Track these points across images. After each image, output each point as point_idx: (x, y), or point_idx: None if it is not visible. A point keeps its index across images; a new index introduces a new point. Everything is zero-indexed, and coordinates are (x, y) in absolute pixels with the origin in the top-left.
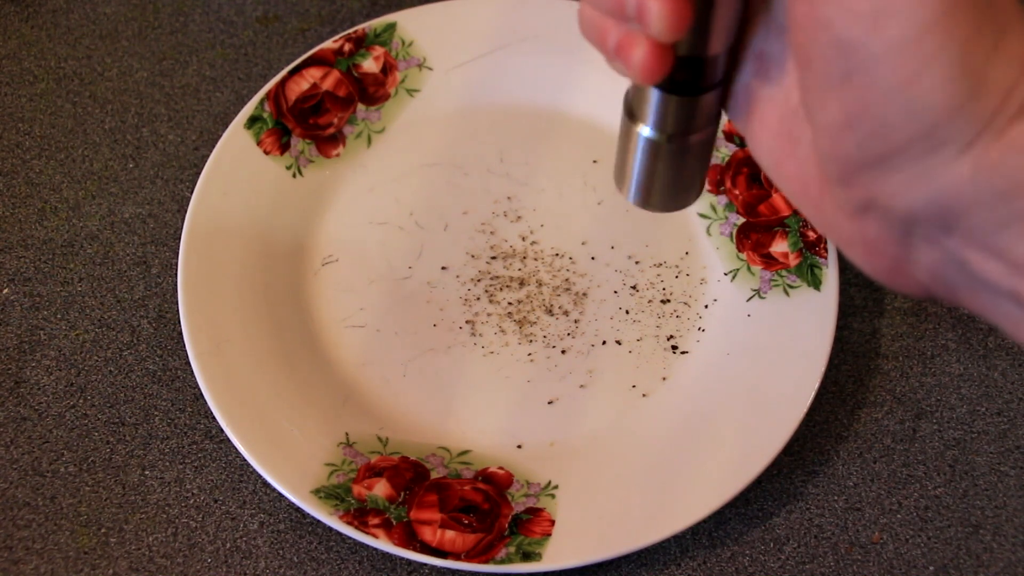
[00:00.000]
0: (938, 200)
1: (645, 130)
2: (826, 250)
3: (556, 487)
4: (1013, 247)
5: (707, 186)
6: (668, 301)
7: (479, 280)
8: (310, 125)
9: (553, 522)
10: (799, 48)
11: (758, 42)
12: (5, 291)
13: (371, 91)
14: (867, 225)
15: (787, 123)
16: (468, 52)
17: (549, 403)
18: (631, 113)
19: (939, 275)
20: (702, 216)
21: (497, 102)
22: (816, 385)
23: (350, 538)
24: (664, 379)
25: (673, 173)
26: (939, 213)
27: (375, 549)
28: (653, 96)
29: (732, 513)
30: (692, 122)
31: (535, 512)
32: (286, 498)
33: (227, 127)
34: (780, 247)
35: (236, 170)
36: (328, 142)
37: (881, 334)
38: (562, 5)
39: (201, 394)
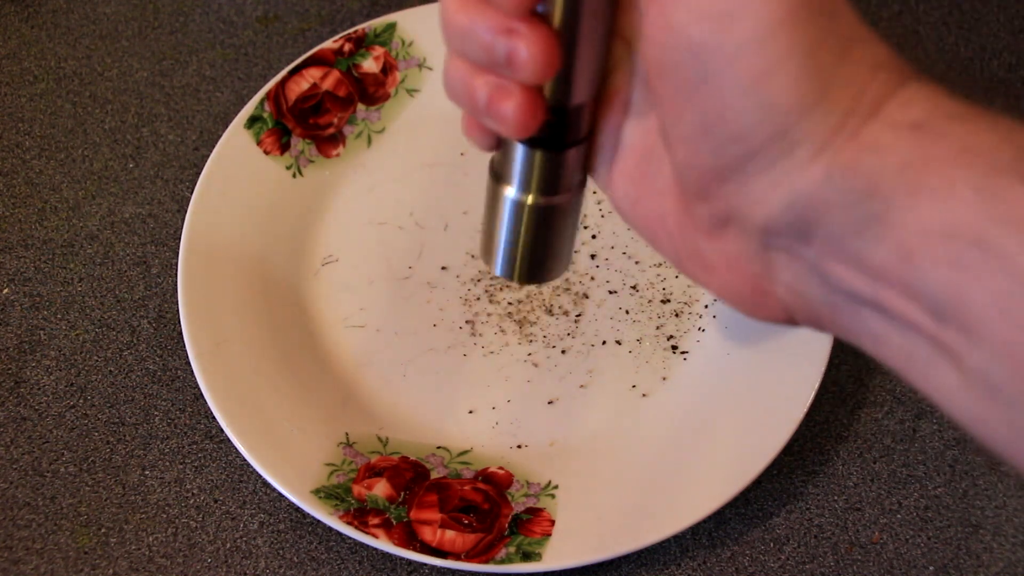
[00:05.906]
0: (795, 205)
1: (512, 192)
2: None
3: (556, 487)
4: (870, 253)
5: None
6: (668, 301)
7: (479, 280)
8: (310, 125)
9: (553, 522)
10: (655, 61)
11: (621, 91)
12: (5, 291)
13: (371, 91)
14: (727, 242)
15: (644, 163)
16: None
17: (549, 403)
18: (497, 176)
19: (800, 292)
20: None
21: None
22: (816, 385)
23: (350, 538)
24: (664, 379)
25: (539, 238)
26: (797, 219)
27: (375, 549)
28: (519, 154)
29: (732, 513)
30: (558, 181)
31: (535, 512)
32: (286, 498)
33: (227, 127)
34: None
35: (236, 170)
36: (328, 142)
37: None
38: None
39: (201, 394)
